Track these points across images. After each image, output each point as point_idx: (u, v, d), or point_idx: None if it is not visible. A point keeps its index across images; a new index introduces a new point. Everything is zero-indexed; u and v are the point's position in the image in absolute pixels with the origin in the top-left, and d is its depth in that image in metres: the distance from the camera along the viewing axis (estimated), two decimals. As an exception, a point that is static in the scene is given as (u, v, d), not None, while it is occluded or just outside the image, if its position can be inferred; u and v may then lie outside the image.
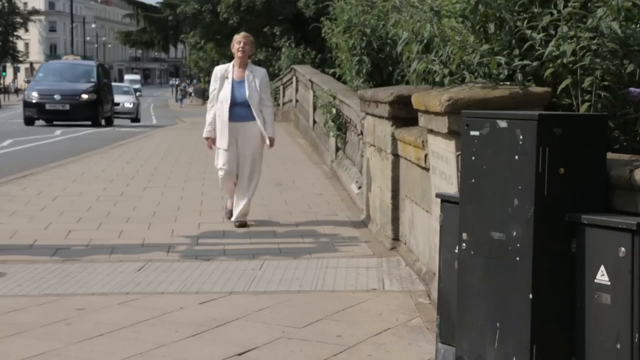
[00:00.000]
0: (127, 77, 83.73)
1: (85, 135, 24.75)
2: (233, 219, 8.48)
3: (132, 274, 6.53)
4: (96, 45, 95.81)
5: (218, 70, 8.52)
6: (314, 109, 16.25)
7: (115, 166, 13.95)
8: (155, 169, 13.21)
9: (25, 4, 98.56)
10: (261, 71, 8.59)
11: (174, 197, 10.32)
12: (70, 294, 6.00)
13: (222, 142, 8.34)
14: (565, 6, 4.81)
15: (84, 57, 59.02)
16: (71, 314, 5.48)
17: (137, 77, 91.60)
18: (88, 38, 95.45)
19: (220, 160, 8.42)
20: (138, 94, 69.55)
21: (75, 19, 65.93)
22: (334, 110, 12.22)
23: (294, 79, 20.59)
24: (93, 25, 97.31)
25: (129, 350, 4.78)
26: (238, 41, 8.45)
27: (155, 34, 45.19)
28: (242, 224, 8.39)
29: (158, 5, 46.73)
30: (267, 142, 8.41)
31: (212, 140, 8.47)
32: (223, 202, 9.24)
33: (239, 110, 8.30)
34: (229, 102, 8.26)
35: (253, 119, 8.33)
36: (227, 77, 8.34)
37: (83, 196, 10.46)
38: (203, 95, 54.22)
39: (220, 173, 8.48)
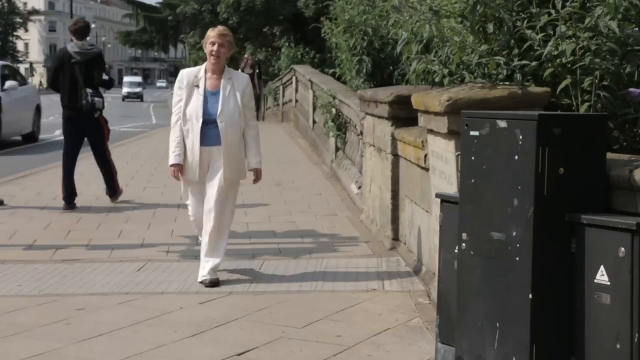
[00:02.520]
0: (126, 78, 71.37)
1: (85, 135, 24.68)
2: (200, 278, 6.22)
3: (132, 274, 6.53)
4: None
5: (184, 75, 6.22)
6: (314, 109, 16.25)
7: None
8: (154, 169, 13.20)
9: (25, 3, 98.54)
10: (242, 79, 6.35)
11: (173, 197, 10.30)
12: (69, 294, 6.00)
13: (191, 173, 6.20)
14: (563, 6, 4.81)
15: (84, 57, 58.95)
16: (71, 314, 5.48)
17: (138, 78, 73.43)
18: (88, 38, 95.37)
19: (190, 199, 6.42)
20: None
21: (75, 19, 65.80)
22: (333, 110, 12.21)
23: (293, 79, 20.58)
24: (93, 25, 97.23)
25: (128, 350, 4.78)
26: (212, 41, 6.17)
27: (155, 34, 45.19)
28: (214, 283, 6.16)
29: (158, 5, 46.74)
30: (253, 174, 6.45)
31: (179, 168, 6.23)
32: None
33: (214, 130, 6.11)
34: (200, 119, 6.09)
35: (236, 142, 6.24)
36: (197, 86, 6.15)
37: (82, 196, 10.43)
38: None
39: (191, 217, 6.55)
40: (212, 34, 6.21)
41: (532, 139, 3.69)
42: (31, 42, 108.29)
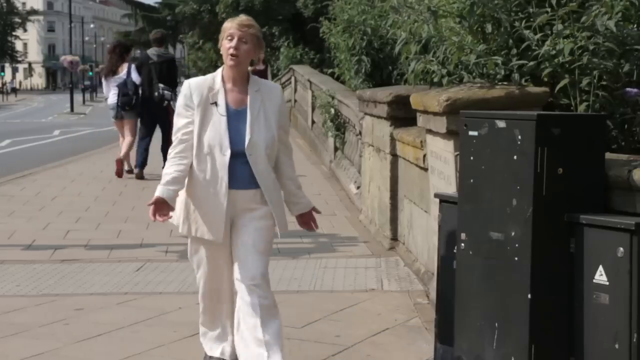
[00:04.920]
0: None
1: (84, 135, 24.75)
2: None
3: (131, 274, 6.53)
4: (95, 45, 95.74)
5: (194, 88, 4.20)
6: (313, 109, 16.25)
7: (114, 166, 13.93)
8: (154, 169, 13.19)
9: (24, 3, 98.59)
10: (274, 90, 4.35)
11: (172, 197, 10.29)
12: (68, 294, 6.00)
13: (214, 229, 4.19)
14: (560, 5, 4.81)
15: (83, 58, 58.97)
16: (70, 314, 5.48)
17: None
18: (87, 38, 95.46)
19: (205, 268, 4.39)
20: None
21: (74, 19, 65.90)
22: (332, 110, 12.21)
23: (292, 79, 20.57)
24: (92, 26, 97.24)
25: (127, 350, 4.78)
26: (229, 35, 4.16)
27: (154, 34, 45.04)
28: None
29: (156, 5, 46.75)
30: (301, 218, 4.55)
31: (165, 208, 4.14)
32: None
33: (243, 166, 4.16)
34: (227, 151, 4.12)
35: (271, 182, 4.26)
36: (214, 103, 4.16)
37: (82, 196, 10.46)
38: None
39: (202, 288, 4.48)
40: (229, 25, 4.18)
41: (531, 139, 3.69)
42: (30, 42, 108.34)
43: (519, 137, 3.74)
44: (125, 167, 12.37)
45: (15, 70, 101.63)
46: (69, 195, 10.63)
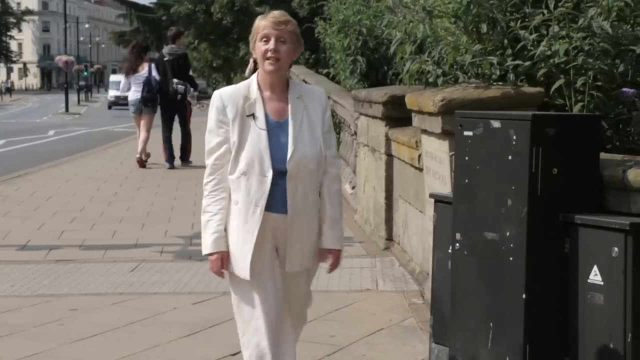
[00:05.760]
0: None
1: (79, 136, 24.73)
2: None
3: (126, 275, 6.52)
4: (89, 46, 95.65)
5: (227, 98, 3.59)
6: (308, 109, 16.23)
7: (109, 166, 13.92)
8: (149, 170, 13.18)
9: (19, 4, 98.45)
10: (318, 96, 3.71)
11: (167, 197, 10.30)
12: (63, 294, 5.99)
13: (239, 263, 3.60)
14: (556, 6, 4.82)
15: (78, 58, 58.86)
16: (64, 315, 5.47)
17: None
18: (81, 38, 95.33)
19: (252, 309, 3.63)
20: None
21: (69, 19, 65.79)
22: (327, 111, 12.20)
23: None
24: (86, 26, 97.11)
25: (122, 350, 4.77)
26: (264, 36, 3.55)
27: (149, 34, 45.14)
28: None
29: (151, 5, 46.71)
30: (324, 257, 3.79)
31: (224, 257, 3.62)
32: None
33: (283, 188, 3.55)
34: (270, 171, 3.51)
35: (310, 206, 3.64)
36: (252, 115, 3.56)
37: (76, 196, 10.44)
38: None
39: (252, 342, 3.64)
40: (262, 23, 3.56)
41: (526, 139, 3.69)
42: (25, 42, 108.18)
43: (514, 137, 3.74)
44: (143, 157, 13.42)
45: (10, 71, 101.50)
46: (64, 195, 10.62)
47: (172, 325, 5.21)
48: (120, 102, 45.74)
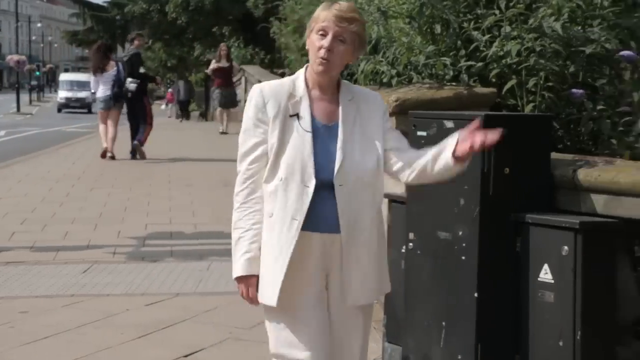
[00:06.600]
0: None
1: (31, 136, 24.42)
2: None
3: (78, 276, 6.45)
4: (42, 45, 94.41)
5: (267, 93, 3.10)
6: (263, 110, 16.20)
7: (61, 167, 13.75)
8: (102, 170, 13.05)
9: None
10: (374, 100, 3.17)
11: (120, 198, 10.21)
12: (13, 296, 5.90)
13: (268, 287, 3.06)
14: (508, 7, 4.87)
15: (30, 57, 58.08)
16: (15, 317, 5.39)
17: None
18: (34, 37, 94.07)
19: (289, 349, 3.07)
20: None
21: (21, 18, 64.91)
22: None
23: (243, 79, 20.51)
24: (39, 25, 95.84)
25: (73, 352, 4.72)
26: (321, 29, 3.02)
27: (103, 33, 44.68)
28: None
29: (105, 4, 46.22)
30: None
31: (254, 281, 3.11)
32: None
33: (330, 203, 2.99)
34: (312, 181, 2.98)
35: (367, 225, 3.06)
36: (295, 116, 3.05)
37: (28, 197, 10.29)
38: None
39: None
40: (323, 14, 3.03)
41: (478, 139, 3.71)
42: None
43: (466, 137, 3.76)
44: (109, 154, 14.07)
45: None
46: (15, 196, 10.46)
47: (125, 327, 5.16)
48: (71, 105, 43.44)
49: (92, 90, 15.21)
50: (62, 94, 44.78)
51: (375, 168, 3.03)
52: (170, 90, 40.62)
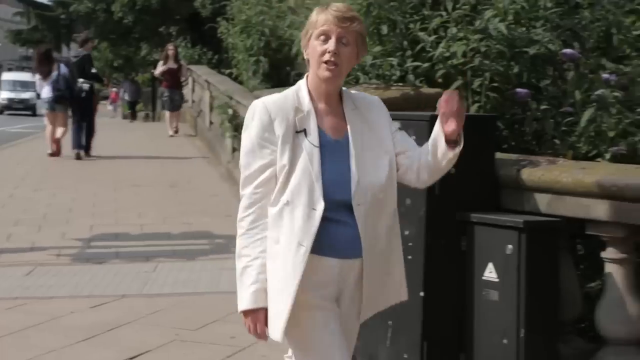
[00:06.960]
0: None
1: (-27, 136, 23.96)
2: None
3: (21, 279, 6.34)
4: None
5: (275, 109, 2.84)
6: (211, 110, 16.13)
7: (4, 167, 13.52)
8: (46, 170, 12.86)
9: None
10: (375, 104, 3.01)
11: (65, 199, 10.06)
12: (-46, 299, 5.79)
13: (274, 320, 2.85)
14: (454, 8, 4.91)
15: (-28, 56, 56.83)
16: (-44, 321, 5.28)
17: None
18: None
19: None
20: None
21: (-37, 16, 63.67)
22: (230, 111, 12.14)
23: (190, 80, 20.37)
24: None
25: (16, 356, 4.64)
26: (322, 33, 2.81)
27: (47, 32, 44.07)
28: None
29: (50, 3, 45.59)
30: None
31: (263, 316, 2.86)
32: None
33: (342, 225, 2.77)
34: (320, 204, 2.73)
35: (386, 239, 2.89)
36: (302, 132, 2.79)
37: (-30, 199, 10.10)
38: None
39: None
40: (322, 17, 2.84)
41: (425, 139, 3.71)
42: None
43: (413, 137, 3.76)
44: (53, 149, 14.32)
45: None
46: (-44, 197, 10.26)
47: (69, 330, 5.09)
48: (14, 107, 41.49)
49: (37, 91, 15.52)
50: (4, 95, 42.60)
51: (386, 183, 2.83)
52: (114, 89, 40.20)
